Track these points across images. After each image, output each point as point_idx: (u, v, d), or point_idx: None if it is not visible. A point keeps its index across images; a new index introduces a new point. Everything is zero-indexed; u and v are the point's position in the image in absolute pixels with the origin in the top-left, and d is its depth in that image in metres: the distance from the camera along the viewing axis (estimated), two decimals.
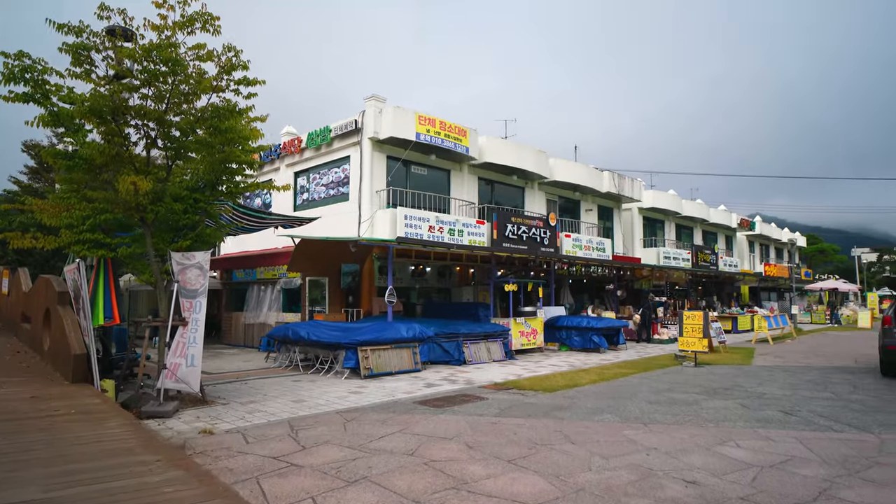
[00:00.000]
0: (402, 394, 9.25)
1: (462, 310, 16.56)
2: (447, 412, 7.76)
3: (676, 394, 9.34)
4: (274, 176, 22.27)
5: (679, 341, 13.38)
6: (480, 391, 9.52)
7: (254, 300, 18.30)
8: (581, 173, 25.02)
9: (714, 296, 31.44)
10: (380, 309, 17.52)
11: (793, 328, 22.26)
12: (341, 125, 18.65)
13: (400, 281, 19.07)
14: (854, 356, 15.55)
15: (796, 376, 11.49)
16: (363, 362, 10.99)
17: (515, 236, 20.42)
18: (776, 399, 8.90)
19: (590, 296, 26.82)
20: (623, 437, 6.47)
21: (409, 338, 11.85)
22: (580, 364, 13.41)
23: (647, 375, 11.54)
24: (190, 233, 8.69)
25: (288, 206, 21.27)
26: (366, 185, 17.97)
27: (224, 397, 8.91)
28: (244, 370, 12.36)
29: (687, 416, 7.56)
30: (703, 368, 12.65)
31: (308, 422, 7.19)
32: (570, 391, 9.55)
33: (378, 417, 7.43)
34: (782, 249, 49.68)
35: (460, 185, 20.95)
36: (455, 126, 19.26)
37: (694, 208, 33.89)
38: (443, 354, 13.16)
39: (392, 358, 11.57)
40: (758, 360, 14.33)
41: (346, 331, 11.81)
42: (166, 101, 7.79)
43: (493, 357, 13.84)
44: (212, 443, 6.16)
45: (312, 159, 20.30)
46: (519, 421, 7.22)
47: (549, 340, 17.31)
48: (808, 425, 7.08)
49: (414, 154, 19.15)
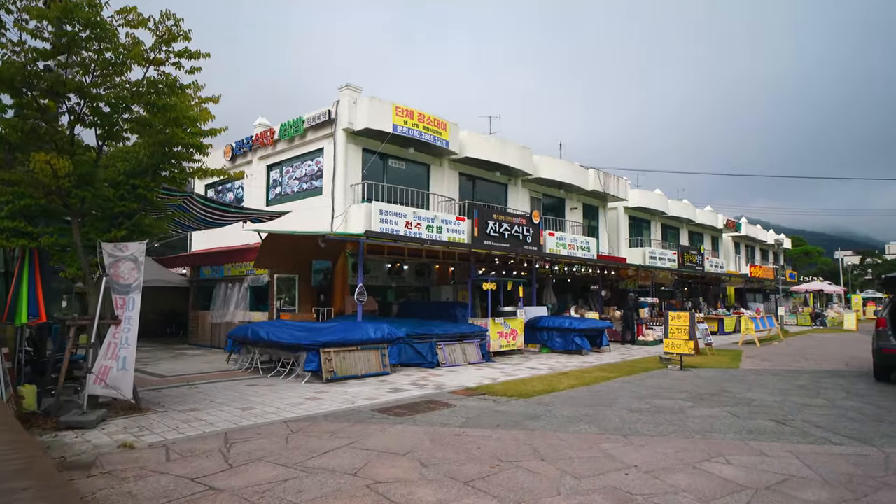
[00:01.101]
0: (364, 400, 8.46)
1: (439, 309, 15.79)
2: (407, 422, 6.98)
3: (661, 400, 8.65)
4: (246, 169, 21.33)
5: (664, 343, 12.72)
6: (449, 397, 8.76)
7: (221, 298, 17.38)
8: (566, 170, 24.38)
9: (700, 297, 30.98)
10: (353, 308, 16.67)
11: (780, 330, 21.78)
12: (315, 116, 17.81)
13: (375, 279, 18.26)
14: (844, 359, 15.02)
15: (786, 381, 10.87)
16: (325, 365, 10.18)
17: (497, 234, 19.70)
18: (767, 406, 8.24)
19: (574, 296, 26.19)
20: (600, 451, 5.74)
21: (376, 339, 11.05)
22: (560, 367, 12.70)
23: (629, 379, 10.85)
24: (126, 221, 7.82)
25: (261, 201, 20.38)
26: (339, 179, 17.15)
27: (164, 404, 8.06)
28: (200, 373, 11.49)
29: (672, 426, 6.85)
30: (689, 372, 12.00)
31: (248, 434, 6.37)
32: (547, 397, 8.81)
33: (329, 428, 6.64)
34: (767, 251, 49.54)
35: (440, 181, 20.19)
36: (434, 118, 18.50)
37: (680, 208, 33.44)
38: (415, 356, 12.38)
39: (358, 360, 10.77)
40: (745, 364, 13.73)
41: (310, 331, 10.99)
42: (92, 72, 6.93)
43: (468, 359, 13.08)
44: (127, 460, 5.33)
45: (285, 152, 19.43)
46: (485, 432, 6.47)
47: (529, 342, 16.60)
48: (803, 437, 6.41)
49: (391, 147, 18.36)
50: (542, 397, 8.77)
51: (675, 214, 32.85)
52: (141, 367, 12.28)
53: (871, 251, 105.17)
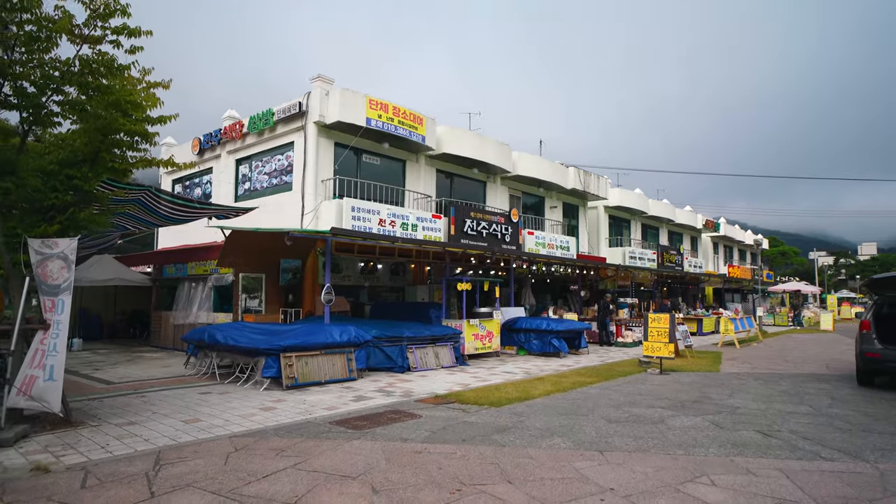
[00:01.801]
0: (323, 410, 7.83)
1: (412, 310, 15.19)
2: (366, 436, 6.38)
3: (640, 408, 8.17)
4: (215, 164, 20.54)
5: (644, 346, 12.30)
6: (416, 406, 8.17)
7: (184, 298, 16.55)
8: (546, 168, 23.94)
9: (679, 297, 30.83)
10: (324, 309, 16.02)
11: (759, 331, 21.61)
12: (285, 108, 17.08)
13: (348, 279, 17.59)
14: (824, 361, 14.78)
15: (769, 386, 10.50)
16: (286, 370, 9.52)
17: (475, 232, 19.16)
18: (751, 415, 7.81)
19: (553, 296, 25.81)
20: (574, 471, 5.21)
21: (342, 342, 10.42)
22: (536, 371, 12.20)
23: (608, 385, 10.38)
24: (59, 216, 7.09)
25: (229, 197, 19.58)
26: (310, 174, 16.45)
27: (100, 416, 7.34)
28: (153, 379, 10.74)
29: (651, 440, 6.36)
30: (668, 376, 11.58)
31: (185, 452, 5.72)
32: (520, 405, 8.28)
33: (277, 444, 6.01)
34: (745, 251, 49.86)
35: (416, 177, 19.59)
36: (410, 113, 17.89)
37: (660, 208, 33.29)
38: (385, 360, 11.77)
39: (322, 365, 10.12)
40: (726, 367, 13.38)
41: (270, 334, 10.32)
42: (13, 48, 6.19)
43: (441, 363, 12.51)
44: (35, 487, 4.65)
45: (255, 146, 18.66)
46: (450, 449, 5.89)
47: (506, 344, 16.10)
48: (792, 451, 5.96)
49: (365, 142, 17.71)
50: (514, 406, 8.23)
51: (655, 214, 32.69)
52: (90, 373, 11.49)
53: (845, 252, 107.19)
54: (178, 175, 22.60)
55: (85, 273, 17.50)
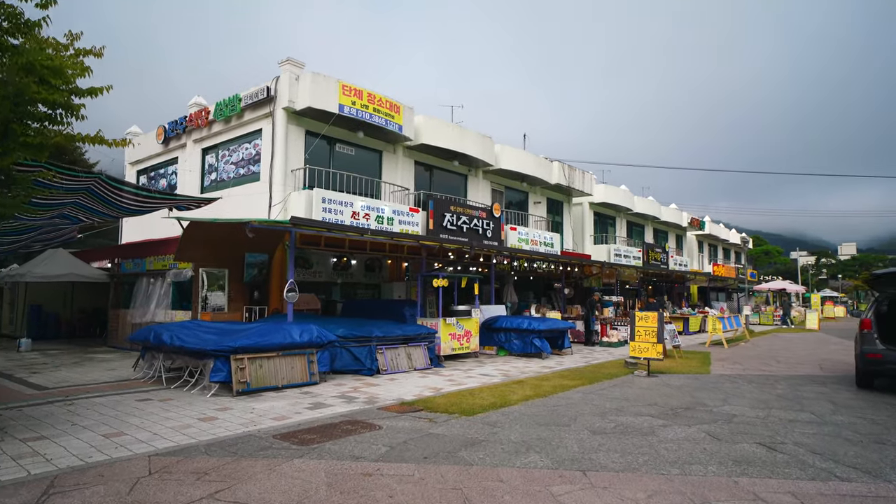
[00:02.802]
0: (271, 420, 6.91)
1: (386, 308, 14.28)
2: (311, 453, 5.47)
3: (627, 416, 7.36)
4: (180, 153, 19.43)
5: (630, 346, 11.53)
6: (378, 415, 7.27)
7: (142, 295, 15.46)
8: (529, 162, 23.15)
9: (665, 295, 30.28)
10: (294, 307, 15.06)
11: (746, 330, 21.05)
12: (252, 93, 16.05)
13: (319, 275, 16.63)
14: (816, 362, 14.15)
15: (764, 389, 9.77)
16: (236, 374, 8.56)
17: (455, 227, 18.31)
18: (750, 424, 7.04)
19: (536, 294, 25.05)
20: (552, 498, 4.36)
21: (302, 342, 9.47)
22: (516, 373, 11.36)
23: (592, 389, 9.57)
24: None
25: (195, 188, 18.49)
26: (279, 163, 15.46)
27: (9, 429, 6.33)
28: (94, 383, 9.71)
29: (641, 456, 5.54)
30: (657, 378, 10.82)
31: (87, 476, 4.77)
32: (495, 413, 7.42)
33: (202, 465, 5.08)
34: (730, 250, 49.67)
35: (393, 169, 18.67)
36: (387, 100, 16.95)
37: (646, 205, 32.72)
38: (352, 362, 10.85)
39: (280, 368, 9.18)
40: (716, 368, 12.66)
41: (223, 334, 9.35)
42: None
43: (414, 365, 11.62)
44: None
45: (222, 134, 17.59)
46: (406, 469, 5.01)
47: (486, 343, 15.25)
48: (802, 470, 5.17)
49: (338, 130, 16.75)
50: (489, 414, 7.37)
51: (641, 211, 32.11)
52: (25, 377, 10.42)
53: (826, 251, 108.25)
54: (143, 165, 21.46)
55: (34, 268, 16.33)
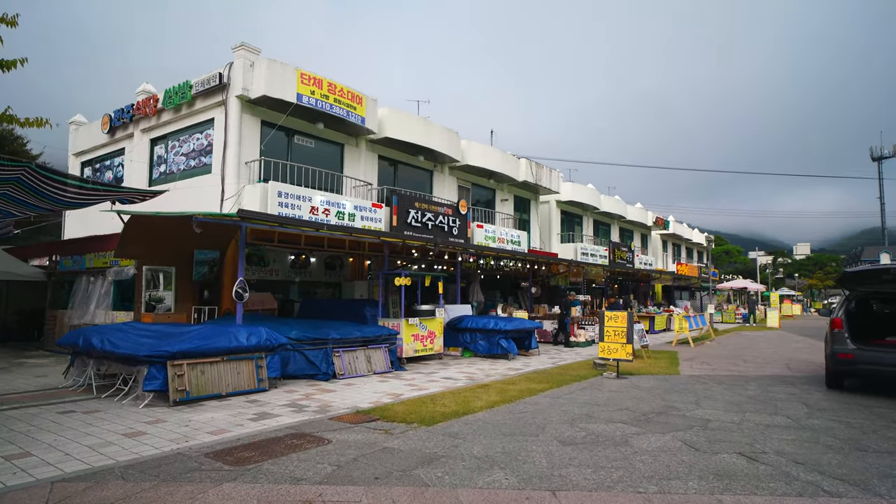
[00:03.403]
0: (208, 434, 6.17)
1: (346, 308, 13.58)
2: (245, 475, 4.78)
3: (599, 424, 6.89)
4: (127, 144, 18.25)
5: (599, 347, 11.13)
6: (328, 427, 6.61)
7: (81, 295, 14.33)
8: (496, 159, 22.70)
9: (631, 294, 30.32)
10: (246, 306, 14.19)
11: (710, 328, 21.08)
12: (204, 80, 15.10)
13: (276, 273, 15.79)
14: (783, 361, 14.07)
15: (734, 391, 9.47)
16: (174, 382, 7.76)
17: (420, 224, 17.68)
18: (726, 430, 6.65)
19: (503, 293, 24.64)
20: None
21: (250, 346, 8.71)
22: (482, 376, 10.83)
23: (560, 393, 9.10)
24: None
25: (142, 181, 17.36)
26: (232, 154, 14.56)
27: None
28: (13, 393, 8.73)
29: (616, 471, 5.04)
30: (626, 380, 10.44)
31: None
32: (457, 423, 6.85)
33: (111, 494, 4.33)
34: (692, 249, 50.46)
35: (356, 163, 17.93)
36: (348, 91, 16.20)
37: (612, 204, 32.74)
38: (307, 367, 10.13)
39: (224, 374, 8.40)
40: (685, 368, 12.40)
41: (163, 337, 8.52)
42: None
43: (374, 368, 10.96)
44: None
45: (171, 123, 16.54)
46: (354, 493, 4.38)
47: (451, 345, 14.69)
48: (788, 483, 4.76)
49: (297, 121, 15.94)
50: (450, 423, 6.79)
51: (608, 210, 32.11)
52: None
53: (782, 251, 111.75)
54: (87, 157, 20.15)
55: None
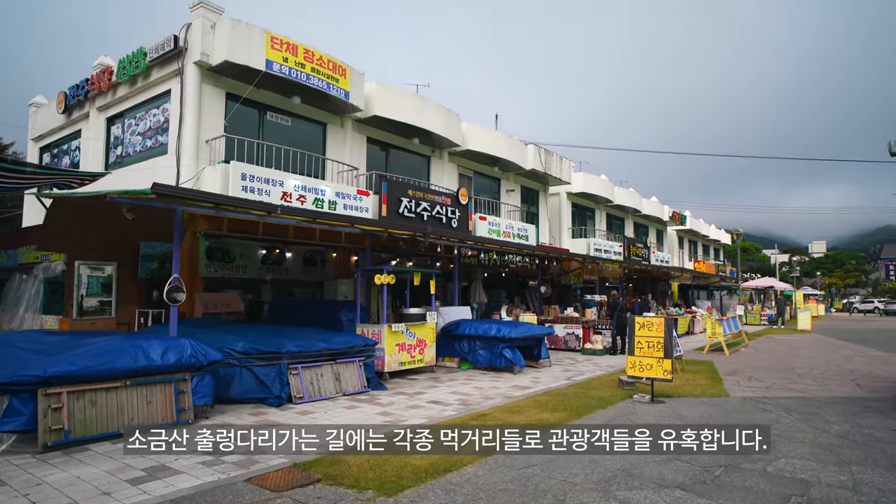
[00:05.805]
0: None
1: (318, 311, 11.41)
2: None
3: (645, 489, 4.64)
4: (83, 125, 16.15)
5: (627, 361, 8.88)
6: (242, 494, 4.40)
7: (12, 295, 12.26)
8: (501, 144, 20.43)
9: (649, 294, 27.96)
10: (206, 309, 12.07)
11: (744, 333, 18.76)
12: (158, 44, 12.97)
13: (243, 270, 13.63)
14: (844, 375, 11.69)
15: (814, 425, 7.17)
16: (46, 419, 5.60)
17: (413, 214, 15.44)
18: (840, 500, 4.39)
19: (508, 293, 22.37)
20: None
21: (166, 365, 6.52)
22: (479, 398, 8.60)
23: (580, 428, 6.85)
24: None
25: (98, 165, 15.27)
26: (189, 131, 12.40)
27: None
28: None
29: None
30: (664, 406, 8.18)
31: None
32: (434, 488, 4.62)
33: None
34: (709, 247, 47.98)
35: (341, 145, 15.73)
36: (329, 60, 14.01)
37: (626, 197, 30.38)
38: (256, 388, 7.94)
39: (126, 405, 6.22)
40: (731, 386, 10.10)
41: (55, 352, 6.39)
42: None
43: (345, 388, 8.75)
44: None
45: (127, 99, 14.41)
46: None
47: (446, 354, 12.47)
48: None
49: (270, 95, 13.77)
50: (423, 490, 4.57)
51: (621, 203, 29.76)
52: None
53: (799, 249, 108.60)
54: (45, 141, 18.11)
55: None
